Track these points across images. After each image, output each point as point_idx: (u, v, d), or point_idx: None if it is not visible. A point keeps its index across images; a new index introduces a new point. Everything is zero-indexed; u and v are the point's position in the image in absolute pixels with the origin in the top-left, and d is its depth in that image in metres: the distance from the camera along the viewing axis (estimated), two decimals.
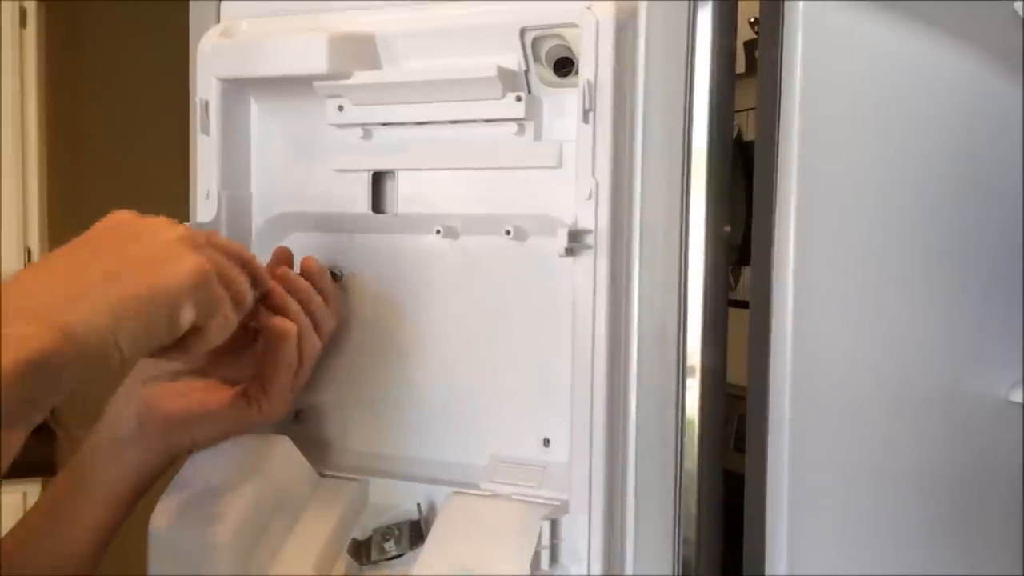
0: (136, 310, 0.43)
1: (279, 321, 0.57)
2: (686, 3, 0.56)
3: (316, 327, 0.60)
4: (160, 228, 0.47)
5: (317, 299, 0.60)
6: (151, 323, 0.44)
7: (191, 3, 0.68)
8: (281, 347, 0.57)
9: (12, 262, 2.00)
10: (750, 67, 0.77)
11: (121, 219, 0.49)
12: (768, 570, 0.57)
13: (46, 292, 0.42)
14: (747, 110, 0.66)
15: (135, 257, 0.45)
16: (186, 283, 0.46)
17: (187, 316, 0.46)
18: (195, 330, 0.48)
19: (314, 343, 0.59)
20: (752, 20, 0.76)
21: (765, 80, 0.57)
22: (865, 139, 0.58)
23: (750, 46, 0.78)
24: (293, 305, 0.58)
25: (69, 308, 0.41)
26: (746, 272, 0.64)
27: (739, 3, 0.60)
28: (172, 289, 0.45)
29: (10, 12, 2.02)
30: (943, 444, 0.63)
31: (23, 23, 2.04)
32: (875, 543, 0.60)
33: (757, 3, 0.61)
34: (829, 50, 0.56)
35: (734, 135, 0.61)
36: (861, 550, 0.60)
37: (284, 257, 0.63)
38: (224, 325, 0.50)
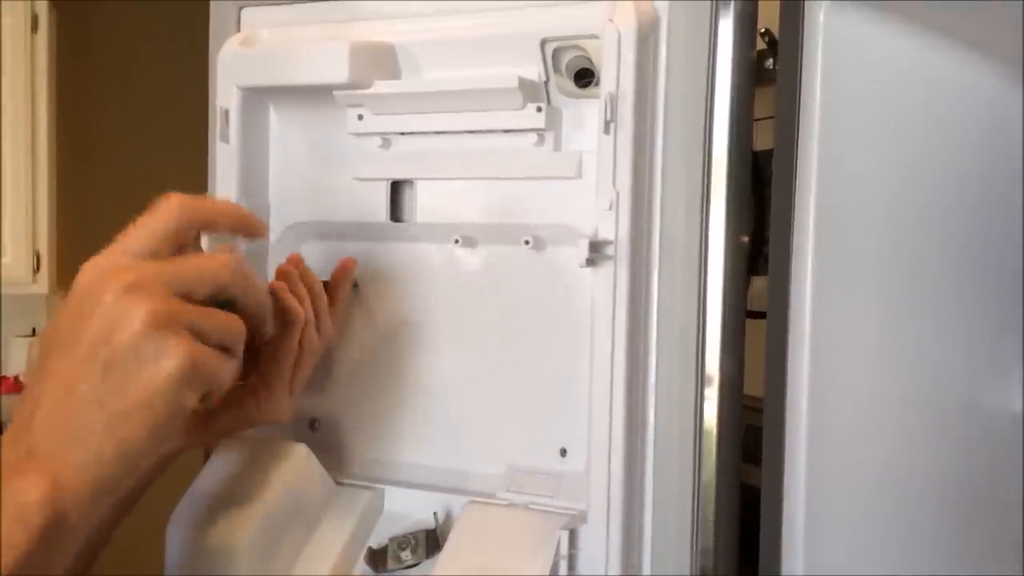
0: (133, 438, 0.42)
1: (293, 303, 0.57)
2: (707, 15, 0.56)
3: (317, 327, 0.60)
4: (130, 313, 0.42)
5: (324, 301, 0.60)
6: (154, 436, 0.43)
7: (211, 11, 0.68)
8: (288, 331, 0.57)
9: (21, 268, 2.01)
10: (760, 77, 0.78)
11: (82, 303, 0.43)
12: None
13: (44, 430, 0.42)
14: (759, 119, 0.66)
15: (112, 368, 0.42)
16: (174, 385, 0.43)
17: (188, 403, 0.45)
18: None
19: (313, 339, 0.59)
20: (763, 31, 0.76)
21: (784, 91, 0.57)
22: (884, 150, 0.58)
23: (761, 56, 0.78)
24: (303, 292, 0.58)
25: (68, 457, 0.41)
26: (755, 282, 0.64)
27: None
28: (162, 398, 0.43)
29: (21, 17, 2.03)
30: (959, 457, 0.63)
31: (34, 28, 2.05)
32: (891, 555, 0.60)
33: (769, 14, 0.61)
34: (848, 61, 0.56)
35: None
36: (876, 561, 0.60)
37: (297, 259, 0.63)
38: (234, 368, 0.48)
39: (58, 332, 0.44)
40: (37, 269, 2.02)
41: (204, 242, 0.62)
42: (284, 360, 0.58)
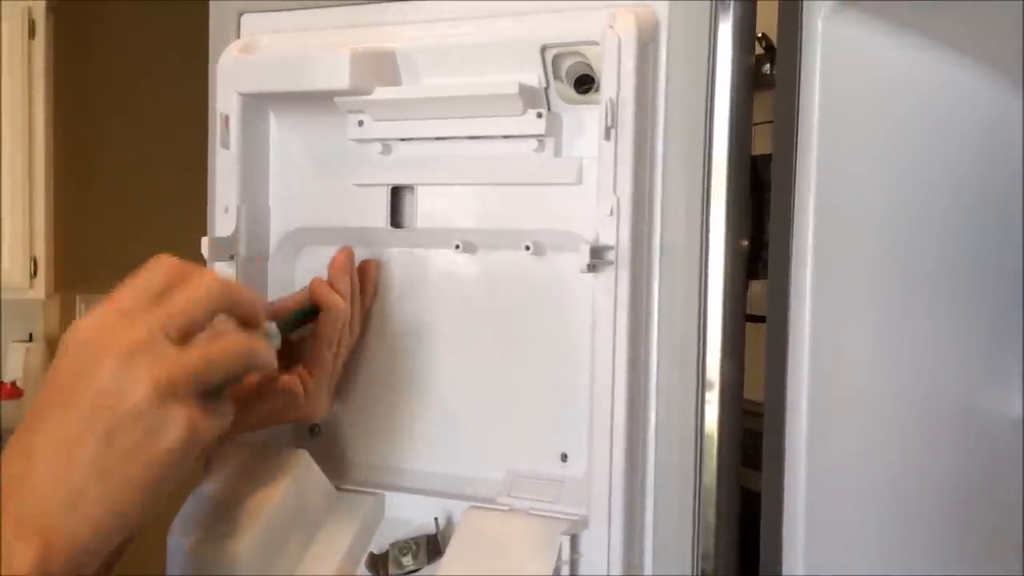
0: (131, 504, 0.42)
1: (335, 298, 0.58)
2: (707, 20, 0.56)
3: (350, 325, 0.61)
4: (128, 382, 0.41)
5: (359, 300, 0.62)
6: (152, 499, 0.43)
7: (211, 17, 0.68)
8: (330, 324, 0.58)
9: (18, 273, 2.01)
10: (758, 82, 0.78)
11: (81, 362, 0.42)
12: None
13: (37, 493, 0.41)
14: (757, 124, 0.67)
15: (113, 436, 0.41)
16: (176, 455, 0.42)
17: (188, 467, 0.44)
18: None
19: (346, 336, 0.61)
20: (760, 36, 0.76)
21: (783, 95, 0.58)
22: (882, 154, 0.59)
23: (758, 61, 0.78)
24: (345, 287, 0.60)
25: (62, 523, 0.40)
26: (754, 286, 0.64)
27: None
28: (163, 468, 0.42)
29: (19, 23, 2.03)
30: (959, 460, 0.63)
31: (32, 34, 2.05)
32: (891, 558, 0.60)
33: (766, 19, 0.62)
34: (847, 65, 0.57)
35: None
36: (877, 564, 0.60)
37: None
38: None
39: (54, 389, 0.42)
40: (34, 274, 2.02)
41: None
42: (327, 353, 0.59)
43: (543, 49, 0.57)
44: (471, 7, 0.60)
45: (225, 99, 0.64)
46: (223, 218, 0.65)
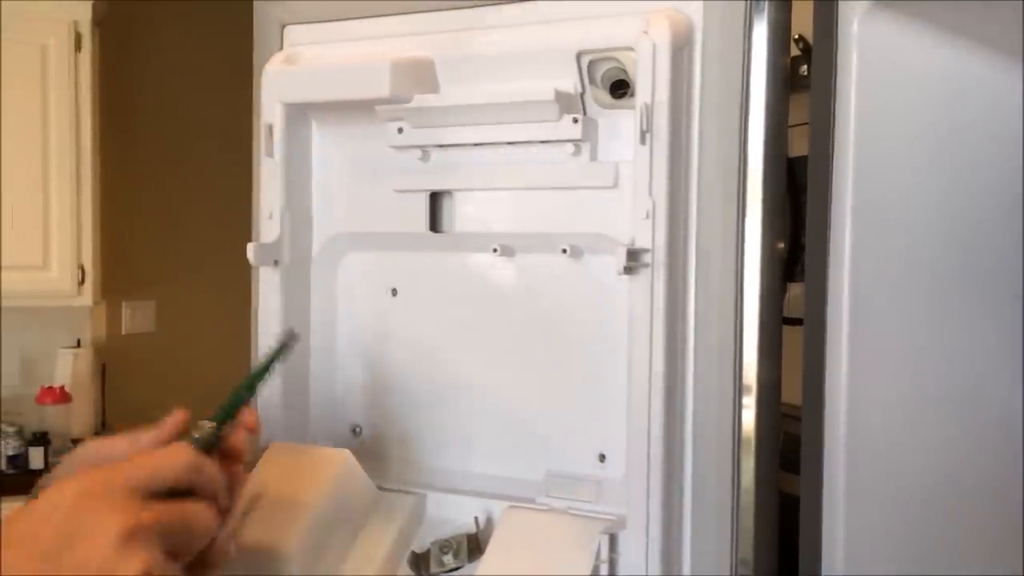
0: None
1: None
2: (741, 22, 0.57)
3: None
4: (98, 526, 0.41)
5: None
6: None
7: (255, 29, 0.70)
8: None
9: (66, 281, 2.06)
10: (795, 83, 0.77)
11: (58, 512, 0.41)
12: None
13: None
14: (794, 126, 0.67)
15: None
16: None
17: None
18: None
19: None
20: (796, 37, 0.76)
21: (818, 98, 0.58)
22: (921, 156, 0.58)
23: (795, 62, 0.78)
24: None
25: None
26: (792, 288, 0.64)
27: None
28: None
29: (65, 37, 2.08)
30: (998, 463, 0.62)
31: (78, 47, 2.10)
32: (931, 562, 0.60)
33: (801, 20, 0.62)
34: (883, 68, 0.57)
35: None
36: (916, 569, 0.59)
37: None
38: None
39: (38, 556, 0.41)
40: (82, 281, 2.07)
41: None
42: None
43: (579, 55, 0.58)
44: (508, 15, 0.61)
45: (269, 109, 0.66)
46: (268, 224, 0.66)
